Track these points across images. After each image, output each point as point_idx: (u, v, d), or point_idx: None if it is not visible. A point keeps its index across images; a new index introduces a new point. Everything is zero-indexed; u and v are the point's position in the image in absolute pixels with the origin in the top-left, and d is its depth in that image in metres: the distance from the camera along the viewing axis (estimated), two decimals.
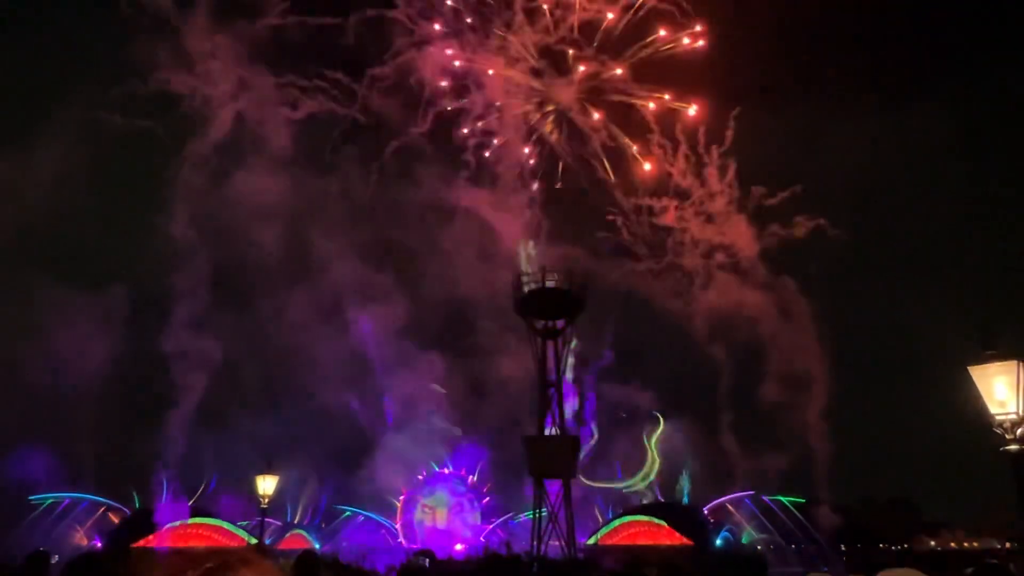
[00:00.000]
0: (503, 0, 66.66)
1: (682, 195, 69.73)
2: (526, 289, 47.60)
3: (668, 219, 69.04)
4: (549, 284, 47.55)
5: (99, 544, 58.15)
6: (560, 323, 48.43)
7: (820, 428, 66.05)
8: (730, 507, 69.72)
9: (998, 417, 9.24)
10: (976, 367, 9.43)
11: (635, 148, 69.03)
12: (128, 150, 66.10)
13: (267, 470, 25.01)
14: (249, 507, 63.58)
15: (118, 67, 63.60)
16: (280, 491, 26.90)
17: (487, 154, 69.75)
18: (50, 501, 63.54)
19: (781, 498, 69.04)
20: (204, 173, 62.17)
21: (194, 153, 62.20)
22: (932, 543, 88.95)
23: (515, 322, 66.98)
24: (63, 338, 58.31)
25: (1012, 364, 9.27)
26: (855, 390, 72.43)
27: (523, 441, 48.48)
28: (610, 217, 70.01)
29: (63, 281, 62.32)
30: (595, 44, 66.70)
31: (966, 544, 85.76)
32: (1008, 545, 77.59)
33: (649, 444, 72.44)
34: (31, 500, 62.57)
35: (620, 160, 70.53)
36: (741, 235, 69.38)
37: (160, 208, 62.69)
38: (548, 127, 70.44)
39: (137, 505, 65.82)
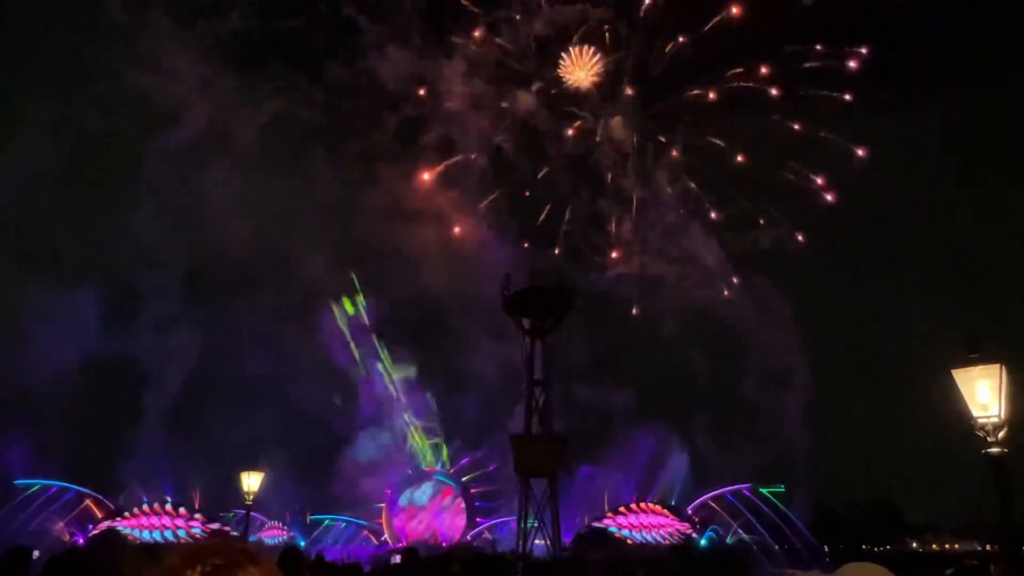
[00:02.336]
0: (465, 9, 67.40)
1: (638, 205, 70.88)
2: (515, 289, 47.62)
3: (624, 230, 69.91)
4: (538, 284, 47.63)
5: (80, 540, 57.58)
6: (548, 323, 48.49)
7: (801, 426, 66.99)
8: (713, 504, 69.98)
9: (980, 420, 9.32)
10: (959, 370, 9.51)
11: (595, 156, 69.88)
12: (96, 149, 65.90)
13: (253, 466, 24.95)
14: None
15: (83, 69, 63.67)
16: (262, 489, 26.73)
17: (450, 160, 70.61)
18: (37, 487, 62.99)
19: (762, 490, 69.46)
20: (171, 172, 62.68)
21: (160, 152, 62.65)
22: (914, 544, 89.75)
23: (489, 321, 68.53)
24: (37, 333, 58.33)
25: (995, 368, 9.35)
26: (838, 393, 73.12)
27: (510, 440, 48.50)
28: (566, 227, 71.20)
29: (36, 277, 62.52)
30: (555, 53, 67.64)
31: (947, 546, 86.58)
32: (989, 547, 78.42)
33: None
34: (17, 484, 62.04)
35: (578, 167, 71.53)
36: (701, 244, 70.67)
37: (129, 206, 63.24)
38: (507, 135, 71.19)
39: (121, 501, 65.38)
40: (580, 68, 67.24)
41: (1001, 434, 9.18)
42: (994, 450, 9.13)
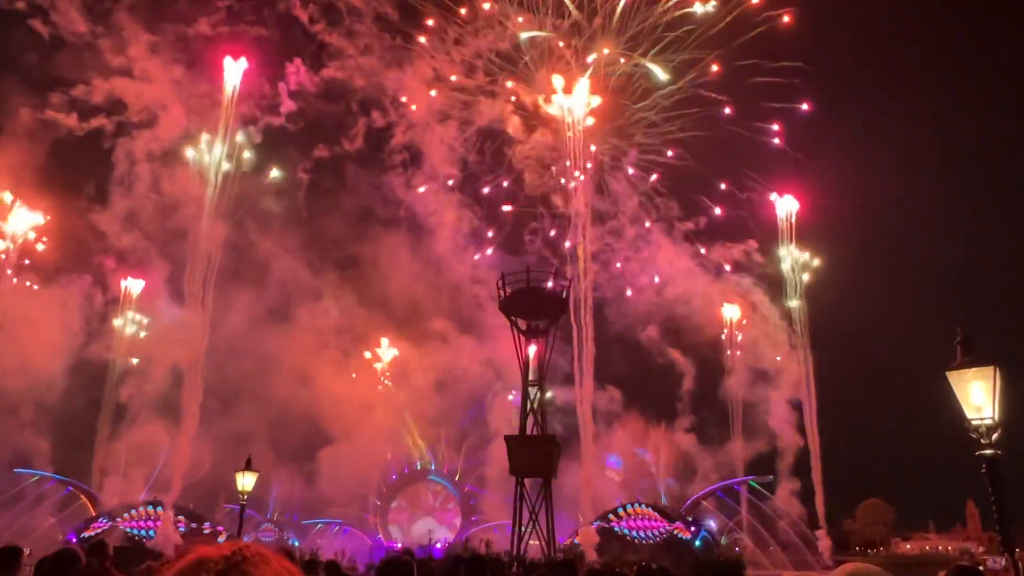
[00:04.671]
0: (427, 17, 67.99)
1: (600, 217, 71.38)
2: (511, 289, 47.70)
3: (588, 239, 70.29)
4: (534, 284, 47.75)
5: (72, 538, 57.36)
6: (544, 323, 48.59)
7: (791, 423, 67.37)
8: (705, 503, 70.10)
9: (974, 422, 9.33)
10: (953, 372, 9.51)
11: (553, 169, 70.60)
12: (67, 153, 66.07)
13: (247, 467, 25.05)
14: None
15: (47, 75, 63.94)
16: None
17: (417, 167, 71.25)
18: (36, 478, 62.84)
19: (752, 483, 69.72)
20: (145, 173, 63.28)
21: (133, 155, 63.17)
22: (907, 546, 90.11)
23: (465, 321, 68.98)
24: (19, 332, 58.54)
25: (989, 370, 9.36)
26: (832, 394, 73.19)
27: (505, 440, 48.59)
28: (528, 237, 71.78)
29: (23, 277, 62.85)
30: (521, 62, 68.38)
31: (940, 547, 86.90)
32: (981, 548, 78.74)
33: None
34: (17, 472, 61.94)
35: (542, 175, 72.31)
36: (669, 250, 71.27)
37: (103, 208, 63.87)
38: (472, 143, 71.80)
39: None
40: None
41: (995, 436, 9.20)
42: (988, 451, 9.15)
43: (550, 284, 48.68)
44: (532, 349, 50.67)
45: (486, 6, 65.62)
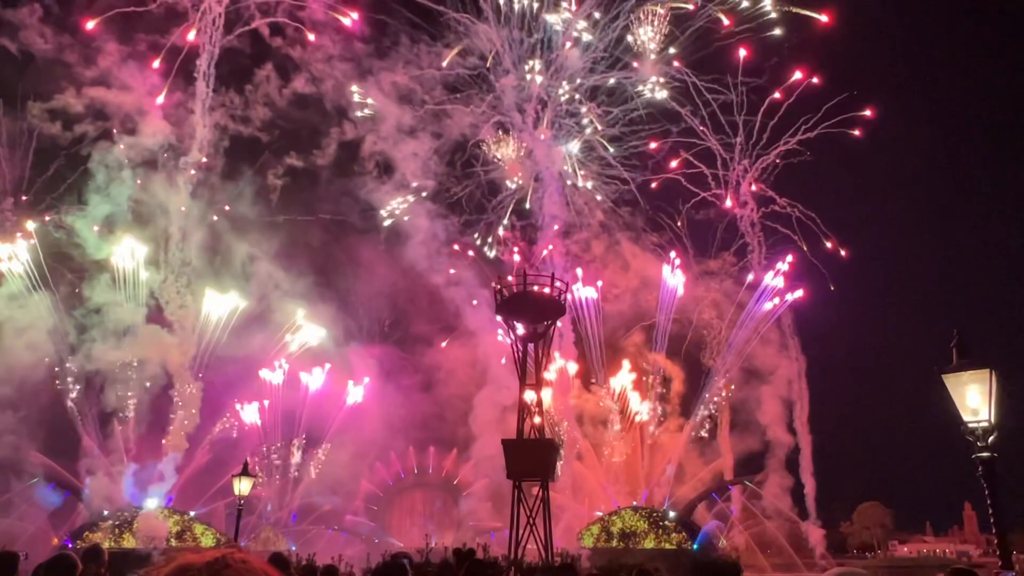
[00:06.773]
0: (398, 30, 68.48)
1: (577, 225, 71.70)
2: (507, 292, 47.57)
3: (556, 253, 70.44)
4: (532, 287, 47.63)
5: (69, 544, 57.12)
6: (541, 327, 48.46)
7: (784, 422, 67.59)
8: (701, 506, 70.09)
9: (970, 424, 9.36)
10: (950, 375, 9.55)
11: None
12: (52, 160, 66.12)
13: (243, 472, 25.29)
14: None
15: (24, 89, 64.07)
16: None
17: (389, 176, 71.76)
18: (36, 480, 62.66)
19: (746, 482, 69.72)
20: (125, 182, 63.62)
21: (113, 163, 63.44)
22: (905, 548, 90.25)
23: (454, 325, 68.65)
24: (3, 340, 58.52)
25: (984, 372, 9.40)
26: (829, 397, 73.41)
27: (502, 444, 48.46)
28: (500, 247, 72.36)
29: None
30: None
31: (938, 550, 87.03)
32: (978, 551, 78.94)
33: None
34: (10, 475, 61.74)
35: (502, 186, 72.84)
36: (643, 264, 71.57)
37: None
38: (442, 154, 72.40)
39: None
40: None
41: (991, 438, 9.22)
42: (984, 454, 9.17)
43: (547, 289, 48.65)
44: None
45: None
